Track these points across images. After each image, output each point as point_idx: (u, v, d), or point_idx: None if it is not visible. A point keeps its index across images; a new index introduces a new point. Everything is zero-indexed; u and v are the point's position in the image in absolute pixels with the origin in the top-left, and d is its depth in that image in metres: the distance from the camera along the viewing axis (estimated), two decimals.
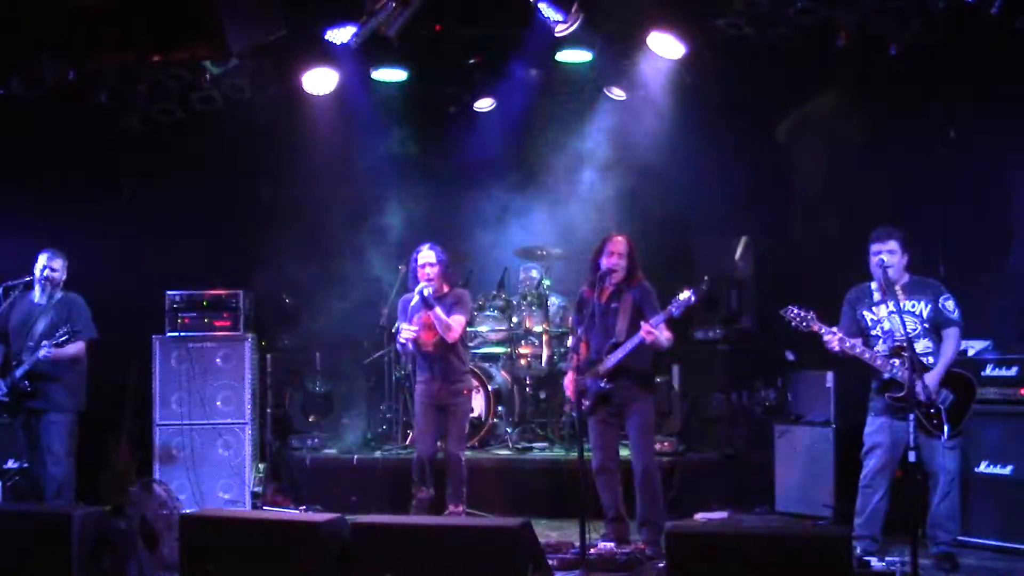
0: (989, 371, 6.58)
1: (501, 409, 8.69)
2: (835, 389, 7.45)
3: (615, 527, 6.54)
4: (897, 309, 5.85)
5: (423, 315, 7.02)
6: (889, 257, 5.99)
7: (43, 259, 7.13)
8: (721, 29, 7.49)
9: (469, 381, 7.30)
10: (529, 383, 8.95)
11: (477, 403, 8.30)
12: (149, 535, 6.20)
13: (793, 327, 6.08)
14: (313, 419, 9.13)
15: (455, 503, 7.01)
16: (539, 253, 9.24)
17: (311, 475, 8.37)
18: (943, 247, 6.65)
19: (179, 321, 8.23)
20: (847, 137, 8.10)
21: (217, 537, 5.37)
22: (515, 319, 8.94)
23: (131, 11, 7.16)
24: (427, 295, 6.92)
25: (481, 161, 9.51)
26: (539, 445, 8.58)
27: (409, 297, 7.19)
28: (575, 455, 6.29)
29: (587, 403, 6.46)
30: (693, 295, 6.25)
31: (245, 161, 9.21)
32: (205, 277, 8.39)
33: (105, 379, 7.70)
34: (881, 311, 6.06)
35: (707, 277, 6.46)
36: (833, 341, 5.97)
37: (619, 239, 6.57)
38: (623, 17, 7.73)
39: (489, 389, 8.51)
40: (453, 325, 6.97)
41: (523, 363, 8.84)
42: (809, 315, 6.04)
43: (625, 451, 6.70)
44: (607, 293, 6.58)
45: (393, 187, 9.34)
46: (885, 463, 5.99)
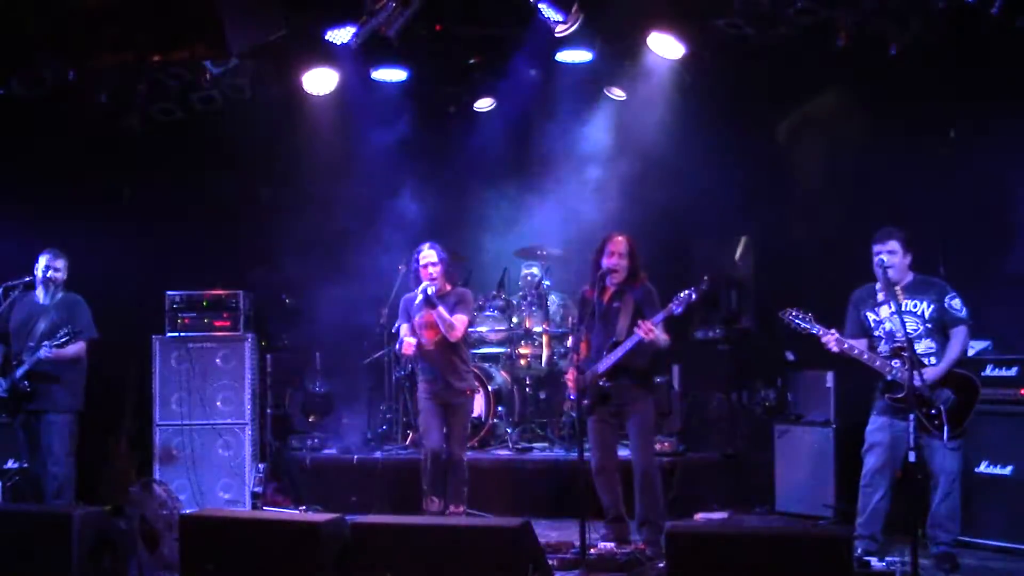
0: (989, 371, 6.57)
1: (501, 409, 8.68)
2: (835, 389, 7.46)
3: (615, 527, 6.54)
4: (897, 310, 5.85)
5: (425, 314, 7.01)
6: (889, 257, 5.98)
7: (45, 259, 7.13)
8: (721, 29, 7.49)
9: (471, 381, 7.27)
10: (529, 383, 8.94)
11: (477, 403, 8.28)
12: (149, 535, 6.20)
13: (792, 329, 6.09)
14: (313, 419, 9.14)
15: (455, 503, 7.01)
16: (539, 253, 9.24)
17: (311, 475, 8.36)
18: (943, 247, 6.64)
19: (179, 321, 8.23)
20: (847, 137, 8.11)
21: (217, 537, 5.37)
22: (515, 319, 8.94)
23: (131, 11, 7.17)
24: (431, 294, 6.91)
25: (481, 161, 9.50)
26: (539, 445, 8.58)
27: (410, 297, 7.18)
28: (575, 455, 6.29)
29: (587, 402, 6.46)
30: (694, 292, 6.27)
31: (245, 161, 9.21)
32: (205, 277, 8.39)
33: (105, 379, 7.71)
34: (883, 312, 6.05)
35: (707, 277, 6.45)
36: (832, 343, 5.97)
37: (620, 239, 6.56)
38: (623, 17, 7.73)
39: (489, 389, 8.50)
40: (456, 324, 6.96)
41: (523, 363, 8.84)
42: (808, 317, 6.04)
43: (625, 451, 6.71)
44: (608, 293, 6.58)
45: (393, 187, 9.33)
46: (884, 462, 5.98)
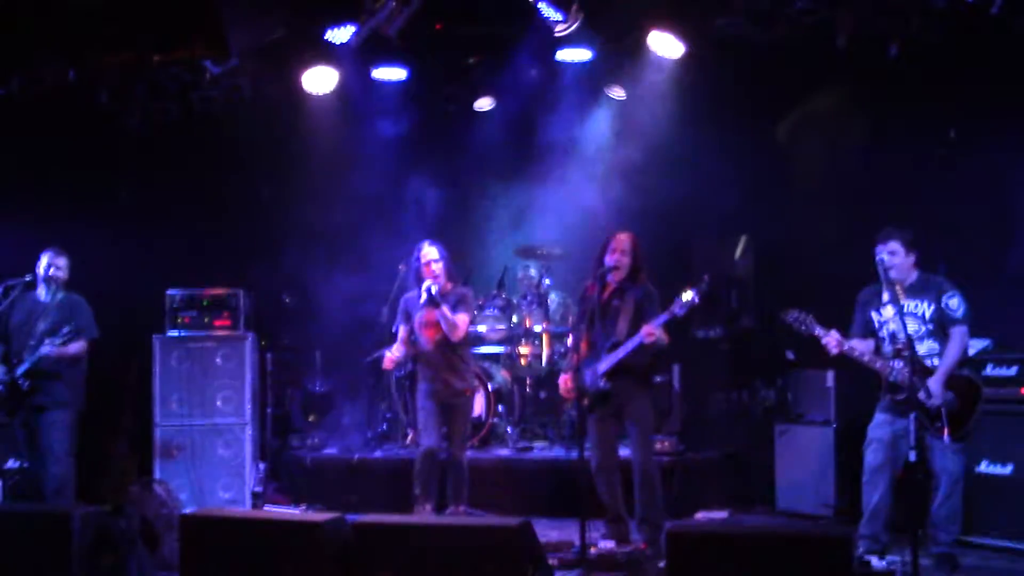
0: (989, 370, 6.58)
1: (501, 409, 8.68)
2: (835, 388, 7.46)
3: (615, 527, 6.53)
4: (898, 310, 5.84)
5: (427, 313, 6.98)
6: (890, 258, 5.96)
7: (47, 258, 7.12)
8: (721, 29, 7.49)
9: (472, 381, 7.23)
10: (529, 383, 8.94)
11: (477, 402, 8.27)
12: (149, 535, 6.21)
13: (793, 330, 6.08)
14: (313, 419, 9.14)
15: (456, 504, 7.01)
16: (539, 252, 9.24)
17: (311, 475, 8.37)
18: (943, 247, 6.63)
19: (179, 321, 8.24)
20: (847, 137, 8.10)
21: (217, 537, 5.37)
22: (515, 318, 8.94)
23: (131, 11, 7.17)
24: (434, 292, 6.88)
25: (481, 161, 9.50)
26: (539, 445, 8.58)
27: (410, 296, 7.16)
28: (575, 455, 6.29)
29: (586, 402, 6.45)
30: (696, 296, 6.23)
31: (245, 161, 9.21)
32: (205, 277, 8.39)
33: (105, 379, 7.69)
34: (887, 312, 6.01)
35: (707, 276, 6.44)
36: (832, 344, 5.97)
37: (623, 237, 6.55)
38: (623, 16, 7.72)
39: (489, 389, 8.50)
40: (459, 324, 6.94)
41: (523, 363, 8.84)
42: (808, 318, 6.03)
43: (625, 450, 6.70)
44: (609, 291, 6.57)
45: (393, 187, 9.33)
46: (883, 460, 5.96)
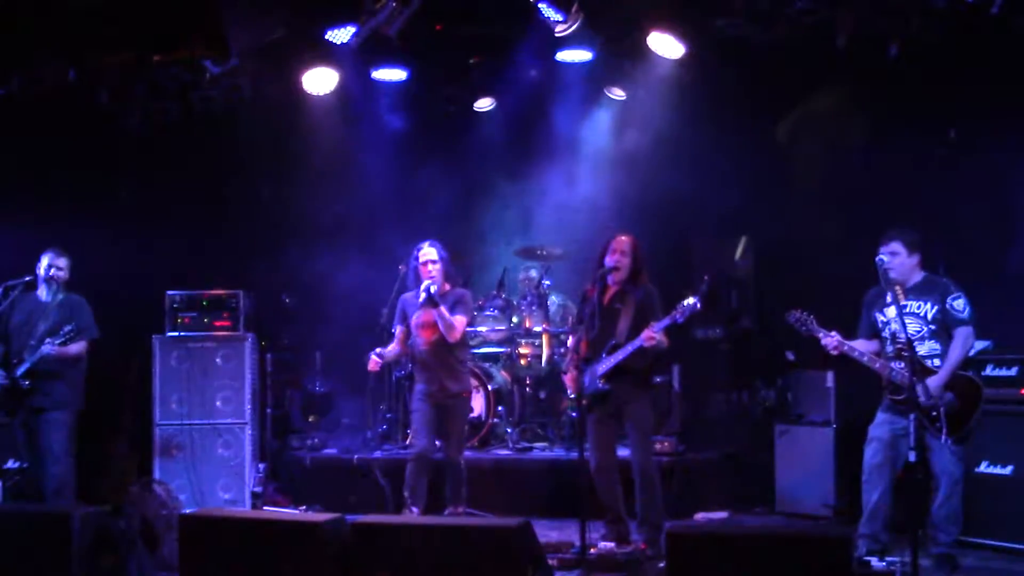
0: (989, 371, 6.59)
1: (501, 409, 8.68)
2: (835, 389, 7.47)
3: (615, 527, 6.53)
4: (899, 311, 5.84)
5: (424, 314, 6.98)
6: (890, 258, 5.96)
7: (48, 258, 7.11)
8: (721, 29, 7.48)
9: (468, 382, 7.20)
10: (529, 383, 8.93)
11: (477, 403, 8.29)
12: (149, 535, 6.21)
13: (795, 331, 6.08)
14: (313, 419, 9.14)
15: (455, 504, 7.00)
16: (539, 253, 9.24)
17: (311, 475, 8.36)
18: (943, 247, 6.63)
19: (179, 321, 8.23)
20: (847, 137, 8.10)
21: (217, 537, 5.37)
22: (515, 319, 8.93)
23: (131, 11, 7.17)
24: (432, 292, 6.88)
25: (481, 161, 9.50)
26: (539, 445, 8.58)
27: (408, 297, 7.17)
28: (575, 455, 6.29)
29: (585, 402, 6.45)
30: (698, 302, 6.21)
31: (245, 161, 9.20)
32: (205, 277, 8.39)
33: (105, 379, 7.69)
34: (890, 312, 6.00)
35: (707, 277, 6.45)
36: (832, 345, 5.97)
37: (623, 238, 6.56)
38: (623, 17, 7.72)
39: (489, 389, 8.50)
40: (456, 325, 6.93)
41: (523, 363, 8.83)
42: (810, 319, 6.04)
43: (625, 451, 6.70)
44: (610, 292, 6.57)
45: (392, 187, 9.33)
46: (882, 459, 5.96)
